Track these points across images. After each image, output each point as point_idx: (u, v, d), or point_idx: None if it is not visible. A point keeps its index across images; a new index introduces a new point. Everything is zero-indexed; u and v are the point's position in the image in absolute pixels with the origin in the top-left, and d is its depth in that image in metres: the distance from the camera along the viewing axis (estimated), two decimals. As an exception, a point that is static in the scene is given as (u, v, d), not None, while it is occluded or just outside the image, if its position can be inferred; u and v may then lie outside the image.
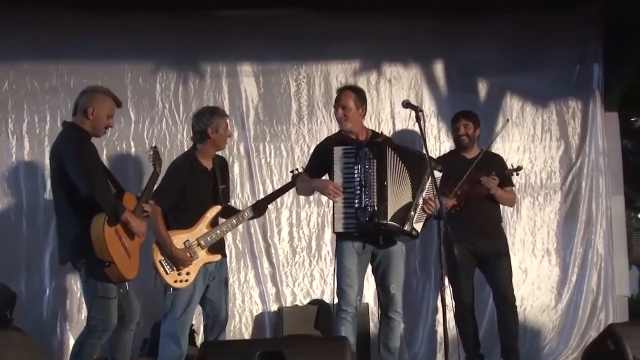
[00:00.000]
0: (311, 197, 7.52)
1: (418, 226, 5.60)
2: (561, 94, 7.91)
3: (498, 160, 6.85)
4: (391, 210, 5.48)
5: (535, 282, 7.71)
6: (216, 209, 5.86)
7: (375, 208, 5.45)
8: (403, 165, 5.53)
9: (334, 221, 5.65)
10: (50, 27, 7.01)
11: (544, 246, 7.78)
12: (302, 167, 6.19)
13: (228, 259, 7.07)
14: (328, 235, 7.50)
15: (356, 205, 5.49)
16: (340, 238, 5.69)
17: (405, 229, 5.54)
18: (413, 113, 5.44)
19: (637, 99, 8.34)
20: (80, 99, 5.38)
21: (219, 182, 5.90)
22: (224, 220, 6.02)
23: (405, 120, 7.64)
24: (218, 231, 5.85)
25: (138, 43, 7.22)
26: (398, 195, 5.50)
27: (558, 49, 7.77)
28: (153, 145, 5.81)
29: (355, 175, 5.51)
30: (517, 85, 7.86)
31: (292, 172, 6.25)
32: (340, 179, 5.58)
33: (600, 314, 7.68)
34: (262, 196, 7.04)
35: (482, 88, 7.85)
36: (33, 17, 6.94)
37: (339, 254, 5.67)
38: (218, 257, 5.91)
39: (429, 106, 7.75)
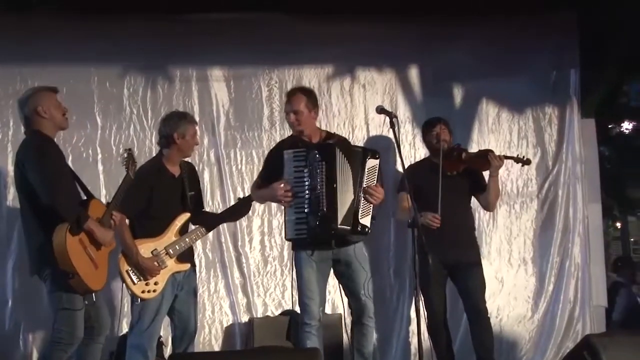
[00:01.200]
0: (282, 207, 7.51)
1: (366, 220, 5.54)
2: (538, 100, 7.95)
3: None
4: (340, 213, 5.45)
5: (511, 292, 7.73)
6: (185, 216, 5.81)
7: (325, 212, 5.42)
8: (348, 164, 5.51)
9: (285, 227, 5.61)
10: (12, 30, 6.96)
11: (520, 255, 7.81)
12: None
13: (197, 268, 7.01)
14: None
15: (306, 210, 5.47)
16: (295, 247, 5.67)
17: (354, 228, 5.50)
18: (387, 119, 5.44)
19: (614, 105, 8.41)
20: (23, 109, 5.27)
21: (187, 188, 5.85)
22: (193, 228, 5.97)
23: (379, 126, 7.63)
24: (187, 239, 5.81)
25: (105, 46, 7.17)
26: (344, 196, 5.48)
27: (534, 54, 7.82)
28: (127, 147, 5.70)
29: (305, 179, 5.49)
30: (493, 91, 7.89)
31: (239, 199, 6.22)
32: (290, 183, 5.54)
33: (577, 324, 7.71)
34: (233, 200, 7.05)
35: (458, 93, 7.87)
36: (-6, 20, 6.95)
37: (296, 265, 5.65)
38: (187, 266, 5.85)
39: (403, 112, 7.76)
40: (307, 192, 5.47)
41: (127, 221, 5.64)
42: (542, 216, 7.87)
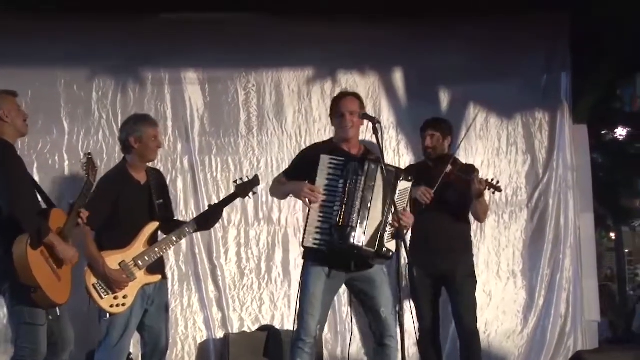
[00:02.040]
0: (261, 215, 7.55)
1: (391, 245, 5.43)
2: (528, 105, 7.97)
3: (472, 170, 6.60)
4: (368, 234, 5.35)
5: (500, 306, 7.74)
6: (153, 225, 5.72)
7: (354, 229, 5.32)
8: (382, 184, 5.41)
9: (304, 233, 5.43)
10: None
11: (509, 268, 7.82)
12: (248, 178, 6.14)
13: (170, 281, 7.15)
14: (279, 255, 7.53)
15: (333, 222, 5.35)
16: (308, 257, 5.53)
17: (379, 252, 5.41)
18: (370, 124, 5.35)
19: (607, 110, 8.43)
20: None
21: (155, 196, 5.78)
22: (163, 237, 5.89)
23: (362, 132, 7.16)
24: (156, 249, 5.70)
25: (72, 47, 7.16)
26: (375, 217, 5.38)
27: (524, 56, 7.88)
28: (87, 152, 5.60)
29: (339, 190, 5.37)
30: (481, 95, 7.89)
31: (235, 182, 6.13)
32: (321, 189, 5.42)
33: (568, 340, 7.74)
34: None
35: (445, 98, 7.89)
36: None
37: (305, 276, 5.50)
38: (157, 277, 5.76)
39: (387, 117, 7.78)
40: (337, 203, 5.37)
41: (92, 233, 5.55)
42: (532, 226, 7.89)
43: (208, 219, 6.02)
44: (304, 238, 5.43)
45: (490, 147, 7.89)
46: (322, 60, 7.68)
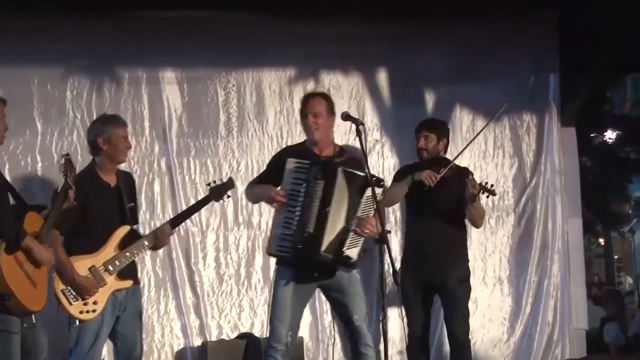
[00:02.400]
0: (240, 219, 7.55)
1: (352, 252, 5.47)
2: (515, 107, 7.94)
3: (467, 175, 6.54)
4: (326, 239, 5.40)
5: (486, 313, 7.76)
6: (124, 229, 5.65)
7: (311, 234, 5.38)
8: (347, 189, 5.46)
9: (269, 240, 5.57)
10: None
11: (495, 274, 7.85)
12: (222, 181, 6.13)
13: (146, 287, 7.20)
14: (259, 261, 7.50)
15: (294, 228, 5.42)
16: (278, 262, 5.61)
17: (338, 259, 5.45)
18: (354, 126, 5.37)
19: (596, 113, 8.45)
20: None
21: (126, 199, 5.73)
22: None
23: (345, 134, 7.20)
24: (128, 254, 5.64)
25: (46, 46, 7.10)
26: (335, 222, 5.43)
27: (511, 57, 7.92)
28: (65, 153, 5.53)
29: (300, 194, 5.43)
30: (467, 97, 7.93)
31: (208, 185, 6.08)
32: (286, 194, 5.49)
33: (555, 348, 7.78)
34: None
35: (430, 99, 7.91)
36: None
37: (275, 282, 5.59)
38: (129, 283, 5.70)
39: (371, 118, 7.79)
40: (298, 208, 5.42)
41: (60, 238, 5.52)
42: (519, 232, 7.93)
43: (180, 223, 6.02)
44: (268, 244, 5.52)
45: (476, 150, 7.88)
46: (305, 59, 7.68)
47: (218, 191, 6.05)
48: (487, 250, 7.83)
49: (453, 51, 7.76)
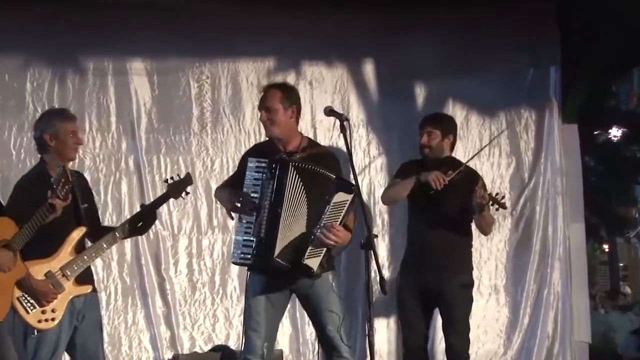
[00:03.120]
0: (215, 222, 7.57)
1: (312, 262, 5.34)
2: (512, 102, 7.98)
3: (476, 181, 6.55)
4: (279, 245, 5.29)
5: (481, 325, 7.74)
6: (80, 231, 5.61)
7: (262, 239, 5.28)
8: (304, 190, 5.33)
9: (233, 247, 5.46)
10: None
11: (491, 282, 7.85)
12: (179, 177, 6.09)
13: (113, 295, 7.33)
14: (235, 268, 7.45)
15: (253, 233, 5.31)
16: (250, 268, 5.52)
17: (296, 267, 5.34)
18: (337, 122, 5.31)
19: (600, 108, 8.44)
20: None
21: (80, 200, 5.67)
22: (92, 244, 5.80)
23: (328, 131, 7.67)
24: (85, 257, 5.62)
25: (4, 33, 7.09)
26: (290, 227, 5.32)
27: (508, 49, 7.91)
28: (60, 165, 5.42)
29: (257, 196, 5.32)
30: (460, 91, 7.93)
31: (165, 181, 6.07)
32: (247, 197, 5.38)
33: (556, 363, 7.73)
34: None
35: (420, 93, 7.92)
36: None
37: (247, 290, 5.51)
38: (88, 288, 5.66)
39: (357, 114, 7.80)
40: (255, 212, 5.32)
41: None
42: (516, 236, 7.94)
43: (139, 222, 5.95)
44: (232, 253, 5.42)
45: (470, 148, 7.83)
46: (285, 50, 7.68)
47: (176, 187, 6.03)
48: (482, 256, 7.79)
49: (445, 42, 7.75)
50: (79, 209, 5.64)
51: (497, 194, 6.33)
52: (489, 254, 7.86)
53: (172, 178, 6.06)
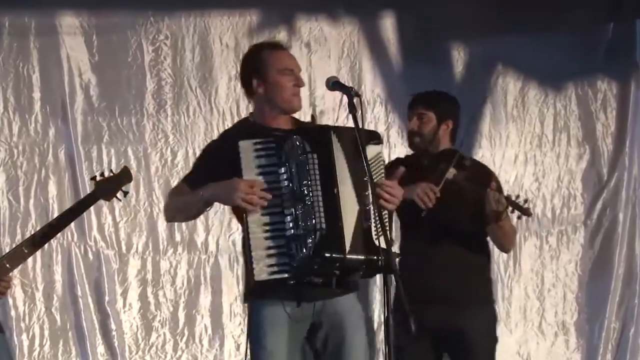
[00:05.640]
0: (177, 236, 7.56)
1: (383, 241, 5.27)
2: (583, 70, 8.02)
3: (488, 180, 6.46)
4: (348, 233, 5.14)
5: (544, 377, 7.72)
6: None
7: (326, 233, 5.11)
8: (343, 157, 5.26)
9: (250, 264, 5.16)
10: None
11: (557, 319, 7.84)
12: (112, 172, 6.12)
13: (37, 338, 7.39)
14: (206, 299, 7.53)
15: (288, 233, 5.16)
16: (258, 295, 5.29)
17: (371, 257, 5.12)
18: (345, 98, 5.16)
19: None
20: None
21: None
22: None
23: (333, 110, 7.68)
24: None
25: None
26: (349, 208, 5.22)
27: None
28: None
29: (282, 183, 5.20)
30: (513, 56, 7.96)
31: (93, 178, 6.07)
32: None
33: None
34: (95, 228, 7.33)
35: (458, 58, 7.95)
36: None
37: (256, 328, 5.31)
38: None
39: (371, 87, 7.82)
40: (287, 204, 5.21)
41: None
42: (591, 255, 7.93)
43: (56, 232, 6.00)
44: (253, 271, 5.14)
45: (527, 134, 7.90)
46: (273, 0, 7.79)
47: (107, 186, 6.06)
48: (544, 282, 7.84)
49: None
50: None
51: (517, 196, 6.25)
52: (554, 279, 7.89)
53: (101, 174, 6.09)
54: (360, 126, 5.07)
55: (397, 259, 5.20)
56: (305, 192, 5.19)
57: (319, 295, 5.30)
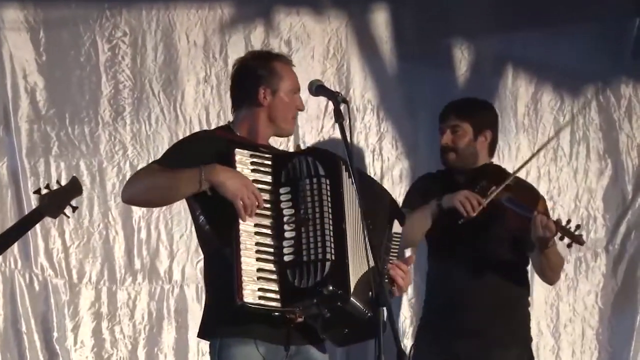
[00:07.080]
0: (137, 263, 7.60)
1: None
2: (606, 72, 8.04)
3: (535, 202, 6.64)
4: (354, 277, 5.19)
5: None
6: None
7: (333, 263, 5.14)
8: (357, 202, 5.27)
9: (239, 284, 5.15)
10: None
11: (575, 358, 7.88)
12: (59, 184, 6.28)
13: None
14: (169, 336, 7.57)
15: (287, 258, 5.20)
16: (230, 332, 5.31)
17: (367, 311, 5.14)
18: (331, 104, 5.25)
19: None
20: None
21: None
22: None
23: (316, 119, 7.78)
24: None
25: None
26: (357, 253, 5.25)
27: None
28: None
29: (285, 205, 5.28)
30: (525, 55, 8.05)
31: (36, 192, 6.22)
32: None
33: None
34: (42, 253, 7.38)
35: (461, 58, 8.01)
36: None
37: None
38: None
39: (361, 92, 7.87)
40: (289, 226, 5.27)
41: None
42: (614, 286, 7.98)
43: None
44: (240, 290, 5.12)
45: (540, 145, 7.75)
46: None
47: (54, 200, 6.19)
48: (560, 317, 7.89)
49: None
50: None
51: (568, 221, 6.38)
52: (570, 313, 7.93)
53: (47, 186, 6.27)
54: (349, 137, 5.07)
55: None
56: (318, 217, 5.25)
57: (294, 339, 5.34)
